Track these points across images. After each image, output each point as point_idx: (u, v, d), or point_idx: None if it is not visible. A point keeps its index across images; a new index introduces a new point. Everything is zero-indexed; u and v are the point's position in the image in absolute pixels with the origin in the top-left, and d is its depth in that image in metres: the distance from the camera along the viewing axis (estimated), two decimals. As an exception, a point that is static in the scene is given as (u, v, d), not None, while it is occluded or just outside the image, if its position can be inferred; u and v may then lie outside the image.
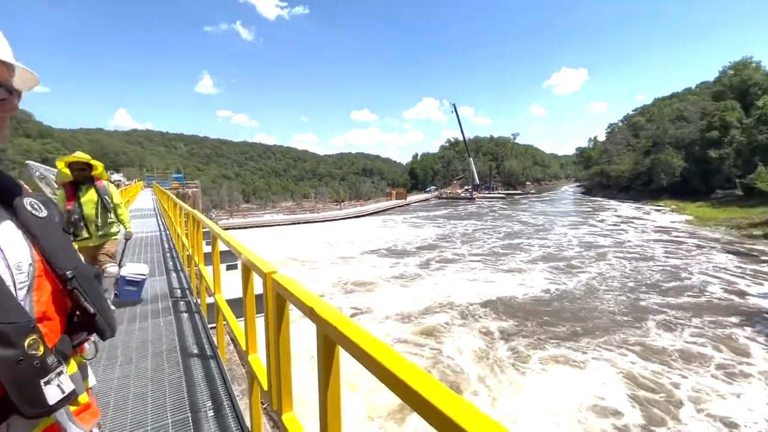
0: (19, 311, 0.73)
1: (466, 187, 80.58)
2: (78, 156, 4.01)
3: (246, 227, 37.57)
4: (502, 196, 72.69)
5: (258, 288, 1.82)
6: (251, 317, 2.04)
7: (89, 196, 4.11)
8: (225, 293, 3.32)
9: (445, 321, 12.74)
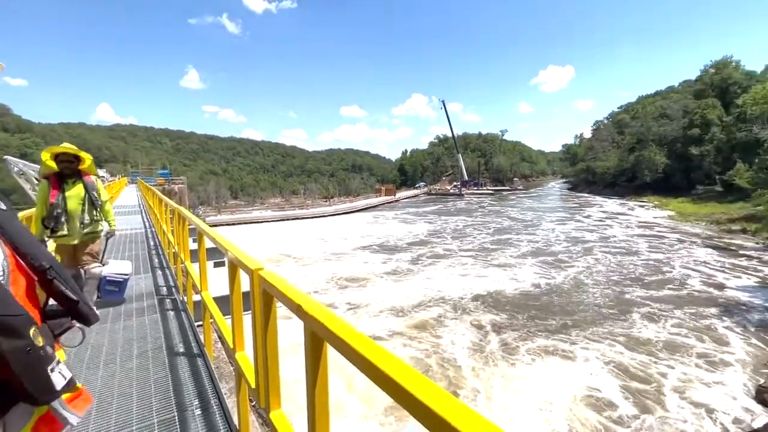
0: (19, 305, 0.76)
1: (455, 184, 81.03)
2: (66, 147, 3.77)
3: (234, 224, 37.11)
4: (491, 193, 73.35)
5: (245, 285, 1.80)
6: (238, 315, 2.02)
7: (75, 191, 3.89)
8: (212, 290, 3.27)
9: (438, 314, 12.92)
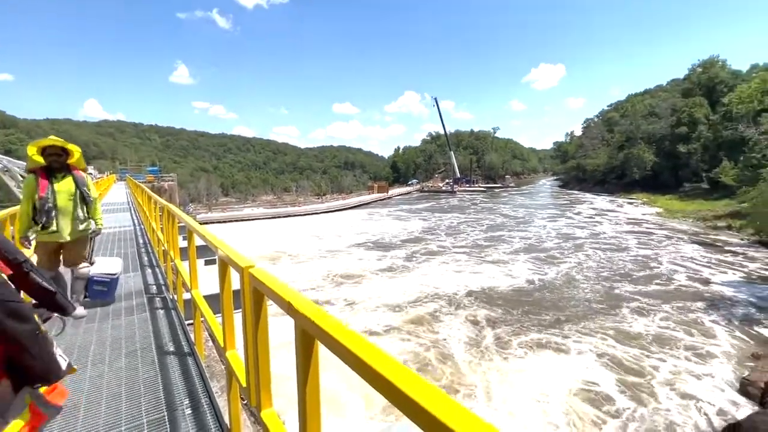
0: (18, 293, 0.78)
1: (447, 181, 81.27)
2: (53, 140, 3.62)
3: (225, 221, 36.78)
4: (483, 190, 73.73)
5: (236, 283, 1.78)
6: (229, 313, 2.00)
7: (65, 186, 3.71)
8: (203, 288, 3.24)
9: (434, 310, 13.09)
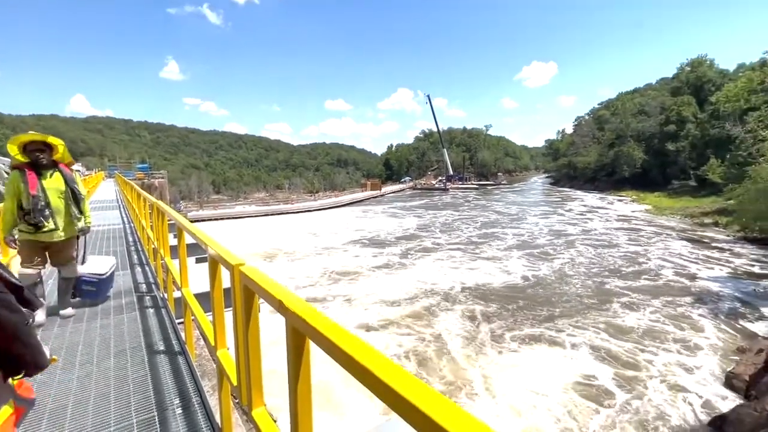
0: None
1: (440, 178, 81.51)
2: (33, 135, 3.45)
3: (217, 219, 36.42)
4: (475, 187, 74.06)
5: (226, 281, 1.76)
6: (219, 311, 1.98)
7: (54, 183, 3.56)
8: (194, 287, 3.20)
9: (431, 305, 13.24)
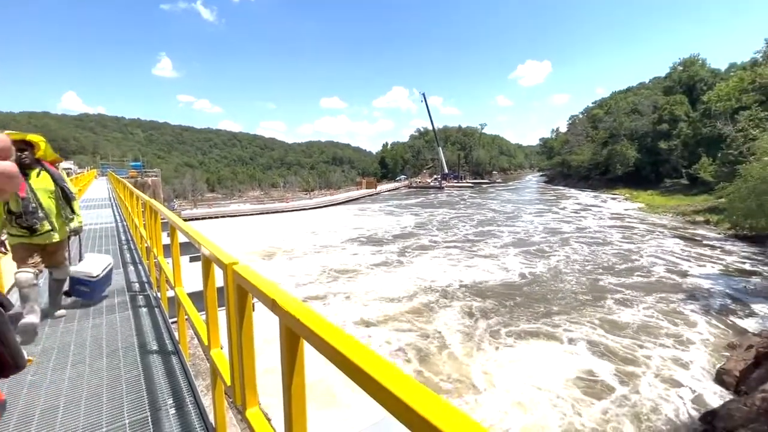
0: None
1: (435, 177, 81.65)
2: (9, 134, 3.31)
3: (211, 217, 36.20)
4: (470, 185, 74.31)
5: (220, 280, 1.74)
6: (213, 311, 1.96)
7: (43, 184, 3.42)
8: (188, 286, 3.18)
9: (430, 302, 13.42)
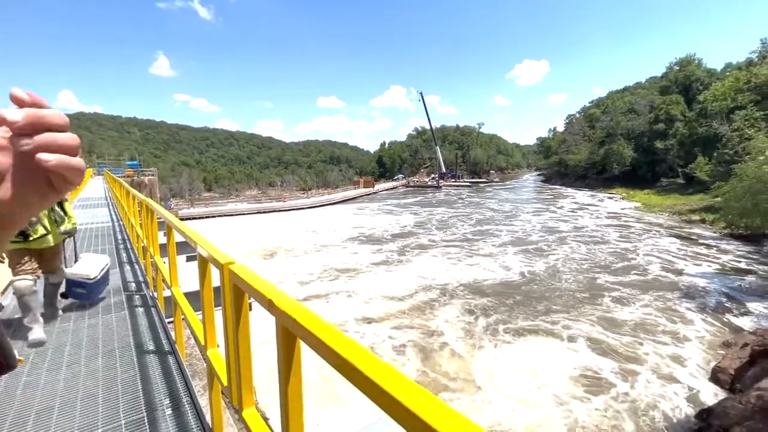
0: None
1: (433, 176, 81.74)
2: None
3: (208, 216, 36.08)
4: (468, 185, 74.40)
5: (216, 280, 1.74)
6: (209, 311, 1.96)
7: None
8: (185, 285, 3.16)
9: (430, 299, 13.53)
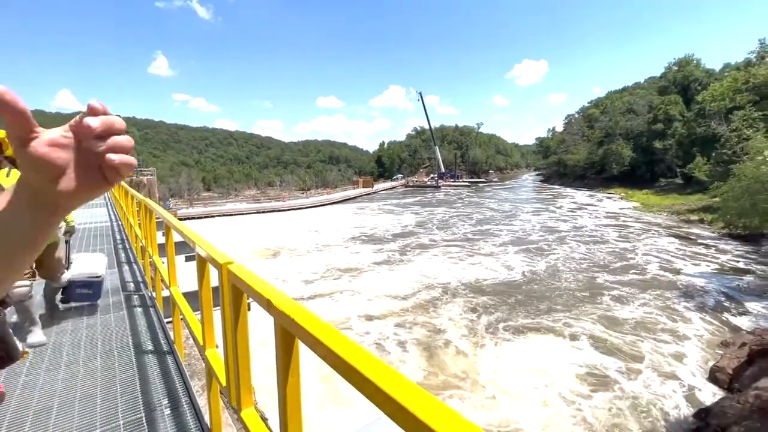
0: None
1: (432, 176, 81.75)
2: None
3: (207, 216, 36.04)
4: (467, 185, 74.48)
5: (215, 280, 1.73)
6: (208, 311, 1.95)
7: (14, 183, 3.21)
8: (184, 285, 3.16)
9: (433, 298, 13.66)
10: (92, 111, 0.45)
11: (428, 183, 75.27)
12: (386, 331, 11.11)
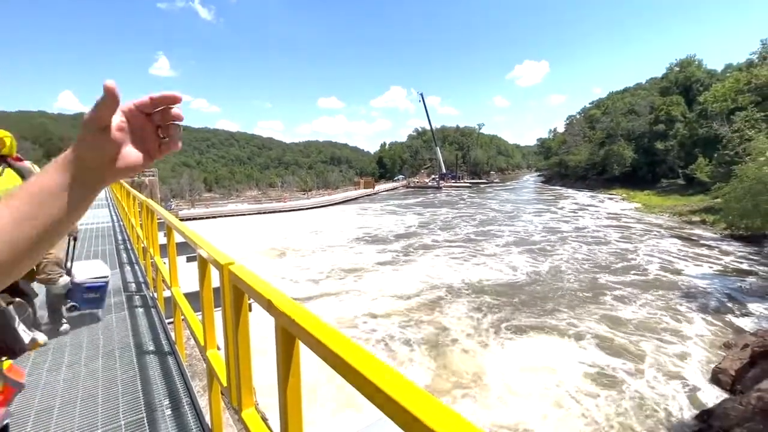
0: None
1: (433, 176, 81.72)
2: None
3: (209, 217, 36.08)
4: (468, 185, 74.38)
5: (216, 281, 1.74)
6: (209, 311, 1.96)
7: (7, 183, 2.86)
8: (185, 286, 3.16)
9: (438, 297, 13.73)
10: (153, 100, 0.50)
11: (429, 184, 75.25)
12: (392, 330, 11.15)
